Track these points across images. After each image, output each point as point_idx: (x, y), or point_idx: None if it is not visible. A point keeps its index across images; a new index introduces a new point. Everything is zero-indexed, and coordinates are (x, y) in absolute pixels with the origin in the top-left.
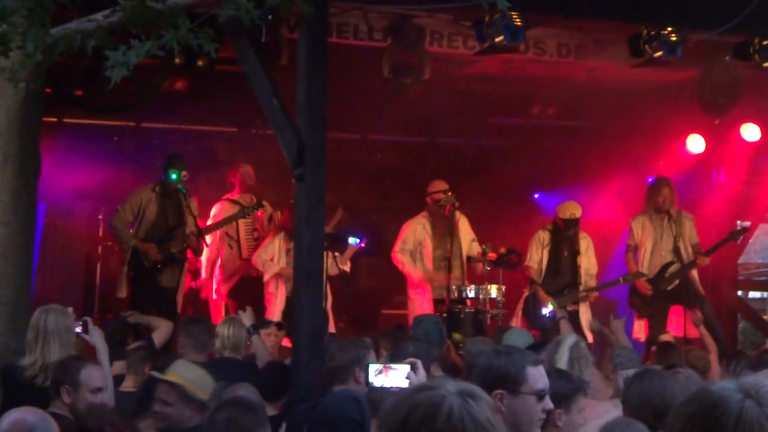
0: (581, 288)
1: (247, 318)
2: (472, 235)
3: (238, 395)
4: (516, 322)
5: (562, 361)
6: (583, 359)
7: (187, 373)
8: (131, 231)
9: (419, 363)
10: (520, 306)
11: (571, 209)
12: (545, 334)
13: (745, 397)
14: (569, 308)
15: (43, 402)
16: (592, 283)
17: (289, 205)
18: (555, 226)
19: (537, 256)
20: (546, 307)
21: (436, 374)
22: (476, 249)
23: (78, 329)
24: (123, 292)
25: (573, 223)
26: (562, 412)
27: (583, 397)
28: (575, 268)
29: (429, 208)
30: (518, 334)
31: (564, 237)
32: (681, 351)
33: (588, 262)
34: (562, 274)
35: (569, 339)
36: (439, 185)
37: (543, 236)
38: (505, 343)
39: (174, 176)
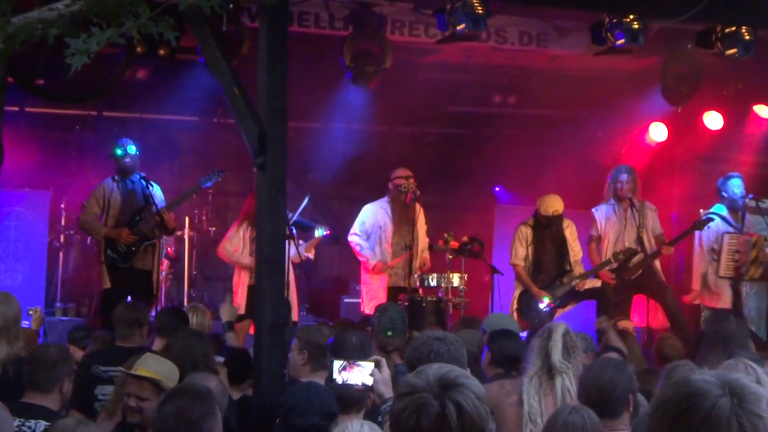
0: (573, 275)
1: (226, 313)
2: (425, 228)
3: (185, 384)
4: None
5: (557, 350)
6: (576, 349)
7: (158, 367)
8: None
9: (383, 361)
10: (513, 305)
11: (554, 205)
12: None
13: (723, 394)
14: (588, 286)
15: None
16: (579, 269)
17: (251, 192)
18: (536, 220)
19: (522, 252)
20: (542, 302)
21: (396, 363)
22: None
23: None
24: (107, 283)
25: (555, 220)
26: None
27: None
28: (561, 259)
29: (390, 194)
30: (501, 318)
31: (548, 232)
32: (635, 338)
33: (574, 249)
34: (548, 268)
35: (560, 327)
36: (402, 171)
37: (525, 232)
38: (489, 327)
39: (118, 151)
